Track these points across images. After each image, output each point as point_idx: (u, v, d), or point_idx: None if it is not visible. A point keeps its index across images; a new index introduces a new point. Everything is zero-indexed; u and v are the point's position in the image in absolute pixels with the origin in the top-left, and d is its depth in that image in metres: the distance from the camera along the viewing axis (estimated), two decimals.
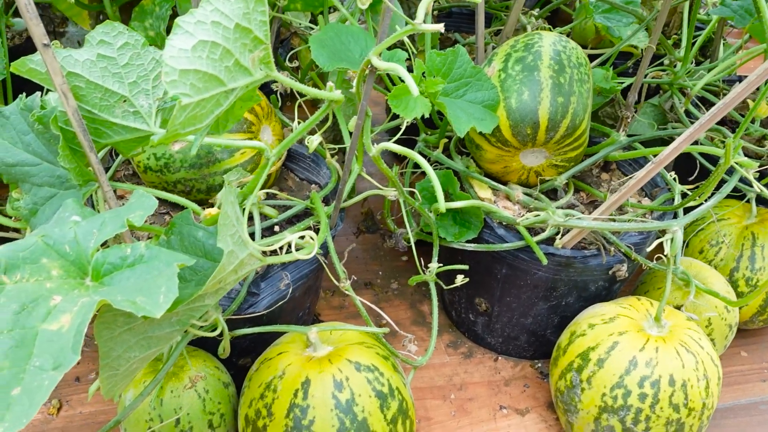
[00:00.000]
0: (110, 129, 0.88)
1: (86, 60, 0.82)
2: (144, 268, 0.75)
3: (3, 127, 0.98)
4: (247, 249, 0.86)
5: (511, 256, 1.29)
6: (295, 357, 1.08)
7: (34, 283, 0.72)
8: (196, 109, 0.66)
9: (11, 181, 1.00)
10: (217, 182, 1.24)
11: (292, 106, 1.37)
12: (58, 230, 0.76)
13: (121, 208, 0.81)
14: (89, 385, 1.30)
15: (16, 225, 1.20)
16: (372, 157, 1.06)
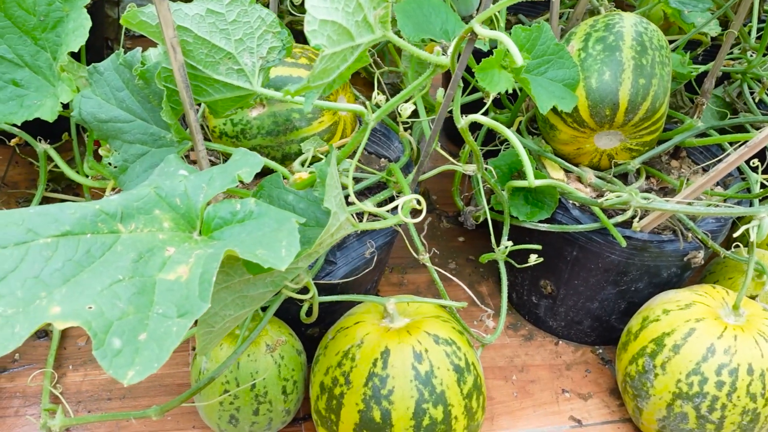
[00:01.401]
0: (211, 86, 0.88)
1: (195, 14, 0.82)
2: (254, 224, 0.75)
3: (97, 83, 0.98)
4: (346, 213, 0.85)
5: (585, 239, 1.27)
6: (372, 327, 1.07)
7: (148, 233, 0.72)
8: (328, 62, 0.66)
9: (102, 137, 1.00)
10: (293, 150, 1.23)
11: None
12: (169, 183, 0.76)
13: (227, 164, 0.80)
14: None
15: (93, 183, 1.21)
16: (460, 129, 1.05)
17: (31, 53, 1.11)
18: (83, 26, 1.04)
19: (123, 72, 0.96)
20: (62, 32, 1.09)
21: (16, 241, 0.65)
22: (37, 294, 0.63)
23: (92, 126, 0.99)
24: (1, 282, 0.62)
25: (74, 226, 0.68)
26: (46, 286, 0.63)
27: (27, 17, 1.09)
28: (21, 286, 0.62)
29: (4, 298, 0.61)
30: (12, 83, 1.11)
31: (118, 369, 0.58)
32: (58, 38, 1.10)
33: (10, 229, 0.65)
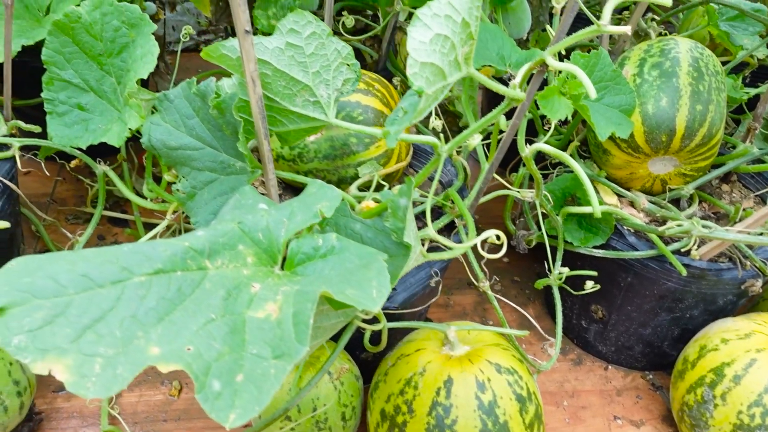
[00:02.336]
0: (286, 117, 0.88)
1: (275, 48, 0.82)
2: (336, 260, 0.75)
3: (167, 111, 0.99)
4: (419, 245, 0.85)
5: (640, 265, 1.26)
6: (433, 355, 1.07)
7: (233, 269, 0.73)
8: (426, 102, 0.66)
9: (171, 163, 1.01)
10: (349, 174, 1.23)
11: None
12: (251, 217, 0.77)
13: (304, 197, 0.81)
14: None
15: (154, 206, 1.22)
16: (524, 158, 1.05)
17: (97, 78, 1.12)
18: (151, 53, 1.05)
19: (194, 100, 0.96)
20: (128, 58, 1.10)
21: (113, 280, 0.65)
22: (134, 333, 0.63)
23: (161, 152, 1.00)
24: (100, 322, 0.63)
25: (165, 264, 0.68)
26: (143, 325, 0.64)
27: (94, 43, 1.10)
28: (119, 326, 0.63)
29: (104, 338, 0.62)
30: (77, 107, 1.13)
31: (219, 412, 0.58)
32: (123, 63, 1.11)
33: (106, 268, 0.66)
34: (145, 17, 1.09)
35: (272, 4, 1.50)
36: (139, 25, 1.09)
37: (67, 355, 0.60)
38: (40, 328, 0.61)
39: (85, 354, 0.60)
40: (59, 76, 1.11)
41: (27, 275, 0.64)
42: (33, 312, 0.62)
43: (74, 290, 0.64)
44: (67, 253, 0.67)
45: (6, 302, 0.61)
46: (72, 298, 0.63)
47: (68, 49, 1.10)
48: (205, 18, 2.47)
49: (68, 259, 0.66)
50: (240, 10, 0.74)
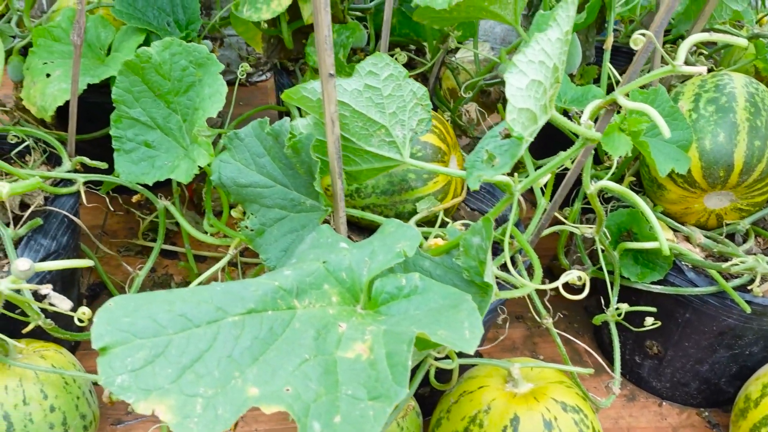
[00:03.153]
0: (360, 157, 0.90)
1: (354, 89, 0.84)
2: (420, 300, 0.76)
3: (237, 149, 1.01)
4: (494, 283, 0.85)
5: (699, 301, 1.25)
6: (497, 392, 1.06)
7: (319, 308, 0.73)
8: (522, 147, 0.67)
9: (239, 200, 1.03)
10: (406, 209, 1.24)
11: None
12: (334, 257, 0.78)
13: (383, 237, 0.82)
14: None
15: (215, 241, 1.23)
16: (588, 195, 1.05)
17: (163, 116, 1.15)
18: (220, 92, 1.08)
19: (265, 139, 0.98)
20: (194, 96, 1.13)
21: (208, 320, 0.66)
22: (231, 374, 0.64)
23: (230, 189, 1.02)
24: (198, 362, 0.64)
25: (257, 304, 0.69)
26: (239, 365, 0.65)
27: (162, 82, 1.13)
28: (217, 366, 0.64)
29: (203, 378, 0.63)
30: (144, 144, 1.15)
31: None
32: (190, 102, 1.14)
33: (202, 308, 0.67)
34: (212, 57, 1.11)
35: None
36: (206, 65, 1.11)
37: (169, 396, 0.61)
38: (142, 368, 0.62)
39: (186, 394, 0.61)
40: (128, 114, 1.14)
41: (126, 315, 0.65)
42: (135, 352, 0.63)
43: (173, 330, 0.65)
44: (163, 293, 0.69)
45: (108, 342, 0.62)
46: (171, 338, 0.64)
47: (137, 88, 1.13)
48: (246, 51, 2.51)
49: (165, 299, 0.67)
50: (326, 55, 0.75)
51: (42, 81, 1.31)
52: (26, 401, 1.00)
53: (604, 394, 1.45)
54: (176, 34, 1.40)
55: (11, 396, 0.99)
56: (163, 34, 1.38)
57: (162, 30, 1.39)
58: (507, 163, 0.65)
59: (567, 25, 0.67)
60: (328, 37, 0.74)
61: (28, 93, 1.33)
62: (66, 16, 1.40)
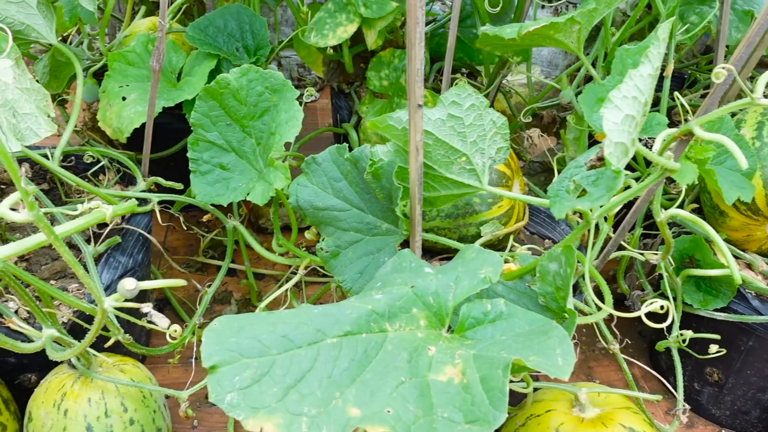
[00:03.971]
0: (439, 183, 0.92)
1: (437, 119, 0.87)
2: (505, 325, 0.77)
3: (314, 173, 1.05)
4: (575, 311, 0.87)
5: (763, 329, 1.25)
6: (564, 416, 1.07)
7: (409, 332, 0.76)
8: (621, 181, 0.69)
9: (315, 223, 1.06)
10: (470, 233, 1.26)
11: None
12: (422, 281, 0.80)
13: (465, 263, 0.84)
14: None
15: (285, 261, 1.26)
16: (658, 223, 1.06)
17: (238, 139, 1.19)
18: (296, 117, 1.11)
19: (342, 164, 1.02)
20: (269, 120, 1.17)
21: (309, 341, 0.69)
22: (332, 394, 0.66)
23: (307, 212, 1.05)
24: (301, 381, 0.66)
25: (353, 326, 0.72)
26: (338, 385, 0.67)
27: (239, 107, 1.17)
28: (319, 386, 0.66)
29: (307, 398, 0.65)
30: (219, 167, 1.19)
31: None
32: (264, 126, 1.18)
33: (302, 329, 0.70)
34: (288, 83, 1.15)
35: (385, 66, 1.56)
36: (282, 91, 1.15)
37: (276, 414, 0.63)
38: (249, 387, 0.65)
39: (292, 413, 0.64)
40: (205, 137, 1.18)
41: (232, 335, 0.68)
42: (242, 371, 0.66)
43: (276, 351, 0.67)
44: (264, 315, 0.72)
45: (217, 361, 0.65)
46: (275, 358, 0.67)
47: (215, 112, 1.17)
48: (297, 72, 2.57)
49: (267, 321, 0.70)
50: (416, 86, 0.78)
51: (118, 104, 1.36)
52: (108, 414, 1.03)
53: (662, 419, 1.45)
54: (245, 59, 1.45)
55: (94, 408, 1.03)
56: (233, 59, 1.43)
57: (232, 55, 1.44)
58: (603, 196, 0.67)
59: (657, 61, 0.69)
60: (420, 70, 0.77)
61: (104, 115, 1.38)
62: (140, 41, 1.45)
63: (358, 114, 1.69)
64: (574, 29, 1.26)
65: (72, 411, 1.02)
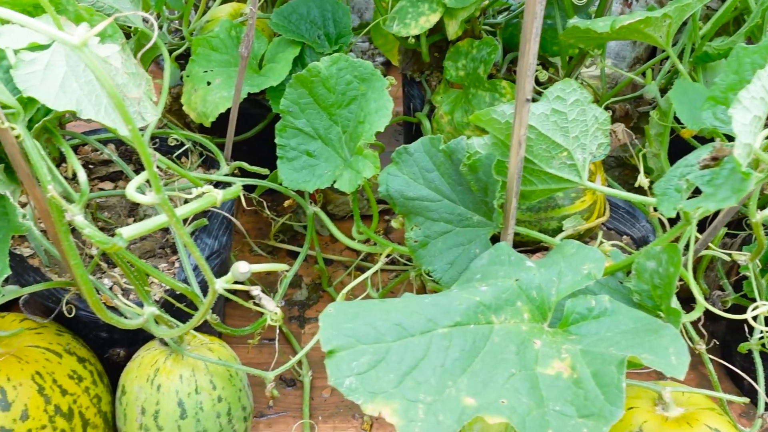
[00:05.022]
0: (538, 178, 0.92)
1: (541, 113, 0.87)
2: (609, 321, 0.78)
3: (405, 163, 1.06)
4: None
5: None
6: (648, 414, 1.07)
7: (513, 324, 0.76)
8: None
9: (404, 212, 1.07)
10: (551, 227, 1.26)
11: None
12: (525, 275, 0.80)
13: (567, 258, 0.84)
14: None
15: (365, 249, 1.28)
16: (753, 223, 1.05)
17: (325, 127, 1.21)
18: (386, 107, 1.12)
19: (435, 155, 1.02)
20: (356, 109, 1.18)
21: (421, 330, 0.71)
22: (445, 382, 0.68)
23: (397, 201, 1.06)
24: (415, 369, 0.68)
25: (462, 317, 0.73)
26: (451, 374, 0.68)
27: (327, 95, 1.19)
28: (432, 374, 0.68)
29: (422, 385, 0.67)
30: (306, 154, 1.21)
31: None
32: (351, 114, 1.19)
33: (414, 318, 0.71)
34: (377, 73, 1.16)
35: (462, 56, 1.56)
36: (371, 80, 1.16)
37: (393, 400, 0.65)
38: (366, 372, 0.67)
39: (408, 399, 0.65)
40: (293, 124, 1.20)
41: (348, 321, 0.70)
42: (359, 356, 0.67)
43: (391, 338, 0.69)
44: (376, 302, 0.73)
45: (336, 345, 0.67)
46: (390, 346, 0.68)
47: (304, 100, 1.19)
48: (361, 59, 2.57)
49: (380, 308, 0.72)
50: (526, 81, 0.79)
51: (203, 88, 1.39)
52: (198, 390, 1.07)
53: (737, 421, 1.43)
54: (326, 47, 1.46)
55: (185, 385, 1.06)
56: (315, 46, 1.45)
57: (314, 43, 1.45)
58: (729, 197, 0.66)
59: None
60: (532, 66, 0.77)
61: (189, 99, 1.41)
62: (223, 27, 1.48)
63: (431, 103, 1.69)
64: (665, 23, 1.24)
65: (164, 386, 1.06)
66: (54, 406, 0.99)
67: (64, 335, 1.10)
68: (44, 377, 1.00)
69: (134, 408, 1.07)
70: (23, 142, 0.81)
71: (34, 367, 1.00)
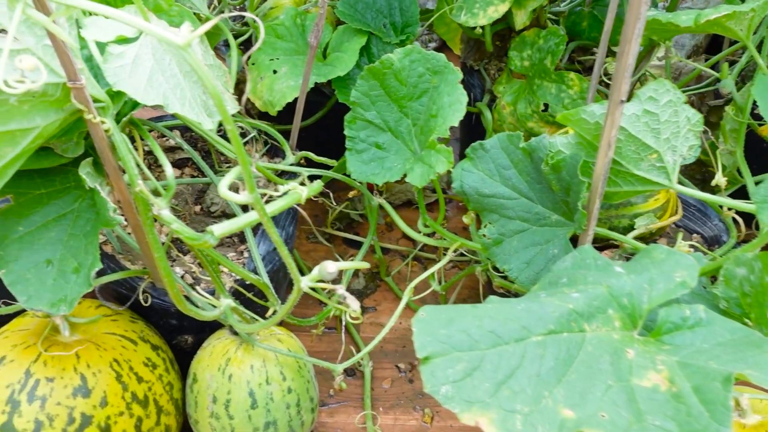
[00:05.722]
0: (623, 179, 0.90)
1: (632, 114, 0.84)
2: (704, 332, 0.76)
3: (480, 159, 1.04)
4: None
5: None
6: None
7: (605, 333, 0.75)
8: None
9: (478, 209, 1.06)
10: (621, 224, 1.24)
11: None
12: (615, 281, 0.79)
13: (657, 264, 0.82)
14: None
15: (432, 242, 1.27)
16: None
17: (395, 119, 1.19)
18: (460, 101, 1.10)
19: (513, 152, 1.01)
20: (427, 102, 1.16)
21: (516, 338, 0.70)
22: (541, 392, 0.67)
23: (471, 198, 1.05)
24: (511, 378, 0.67)
25: (556, 325, 0.72)
26: (546, 384, 0.67)
27: (399, 87, 1.17)
28: (528, 384, 0.67)
29: (518, 395, 0.66)
30: (375, 146, 1.20)
31: None
32: (422, 107, 1.17)
33: (508, 326, 0.70)
34: (450, 65, 1.14)
35: (528, 47, 1.53)
36: (443, 73, 1.14)
37: (490, 410, 0.64)
38: (462, 380, 0.66)
39: (505, 410, 0.64)
40: (363, 116, 1.19)
41: (442, 327, 0.69)
42: (454, 364, 0.67)
43: (485, 345, 0.68)
44: (467, 308, 0.72)
45: (431, 352, 0.67)
46: (484, 353, 0.68)
47: (375, 92, 1.18)
48: None
49: (473, 314, 0.71)
50: (623, 82, 0.76)
51: (269, 77, 1.39)
52: (268, 381, 1.08)
53: None
54: (391, 36, 1.44)
55: (256, 375, 1.07)
56: (382, 36, 1.43)
57: (379, 32, 1.43)
58: None
59: None
60: (631, 66, 0.75)
61: (255, 87, 1.41)
62: (289, 15, 1.47)
63: (491, 93, 1.66)
64: (748, 17, 1.19)
65: (236, 376, 1.07)
66: (131, 393, 1.01)
67: (138, 322, 1.12)
68: (121, 364, 1.02)
69: (205, 396, 1.08)
70: (112, 135, 0.82)
71: (111, 355, 1.02)
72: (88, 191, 0.88)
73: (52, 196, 0.87)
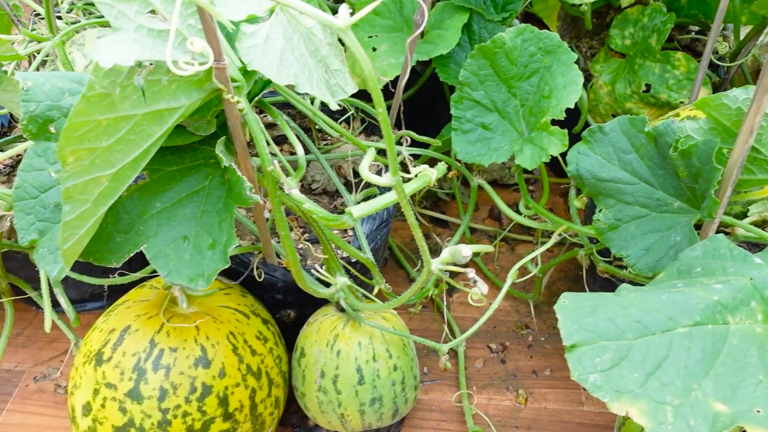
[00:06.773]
0: (758, 167, 0.88)
1: None
2: None
3: (598, 143, 1.02)
4: None
5: None
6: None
7: (748, 326, 0.73)
8: None
9: (594, 193, 1.04)
10: (733, 211, 1.20)
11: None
12: (757, 273, 0.77)
13: None
14: (545, 380, 1.35)
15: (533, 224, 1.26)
16: None
17: (503, 100, 1.18)
18: (576, 82, 1.08)
19: (634, 136, 0.98)
20: (537, 82, 1.15)
21: (662, 329, 0.68)
22: (690, 385, 0.66)
23: (587, 182, 1.03)
24: (659, 369, 0.66)
25: (701, 317, 0.70)
26: (694, 377, 0.66)
27: (509, 67, 1.15)
28: (677, 375, 0.66)
29: (667, 386, 0.65)
30: (481, 126, 1.19)
31: None
32: (531, 87, 1.16)
33: (653, 316, 0.69)
34: (563, 45, 1.12)
35: (631, 24, 1.49)
36: (556, 52, 1.12)
37: (639, 400, 0.64)
38: (610, 369, 0.65)
39: (655, 401, 0.64)
40: (470, 96, 1.18)
41: (586, 315, 0.68)
42: (601, 353, 0.66)
43: (632, 335, 0.67)
44: (610, 296, 0.71)
45: (577, 340, 0.66)
46: (632, 343, 0.67)
47: (484, 71, 1.16)
48: None
49: (617, 303, 0.70)
50: None
51: (369, 55, 1.39)
52: (375, 358, 1.09)
53: None
54: (493, 14, 1.42)
55: (363, 352, 1.09)
56: (483, 13, 1.41)
57: (480, 8, 1.41)
58: None
59: None
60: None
61: (353, 65, 1.41)
62: None
63: (585, 71, 1.62)
64: None
65: (344, 352, 1.08)
66: (246, 365, 1.04)
67: (248, 296, 1.15)
68: (236, 337, 1.04)
69: (313, 370, 1.10)
70: (246, 115, 0.83)
71: (227, 327, 1.04)
72: (217, 169, 0.90)
73: (183, 173, 0.89)
